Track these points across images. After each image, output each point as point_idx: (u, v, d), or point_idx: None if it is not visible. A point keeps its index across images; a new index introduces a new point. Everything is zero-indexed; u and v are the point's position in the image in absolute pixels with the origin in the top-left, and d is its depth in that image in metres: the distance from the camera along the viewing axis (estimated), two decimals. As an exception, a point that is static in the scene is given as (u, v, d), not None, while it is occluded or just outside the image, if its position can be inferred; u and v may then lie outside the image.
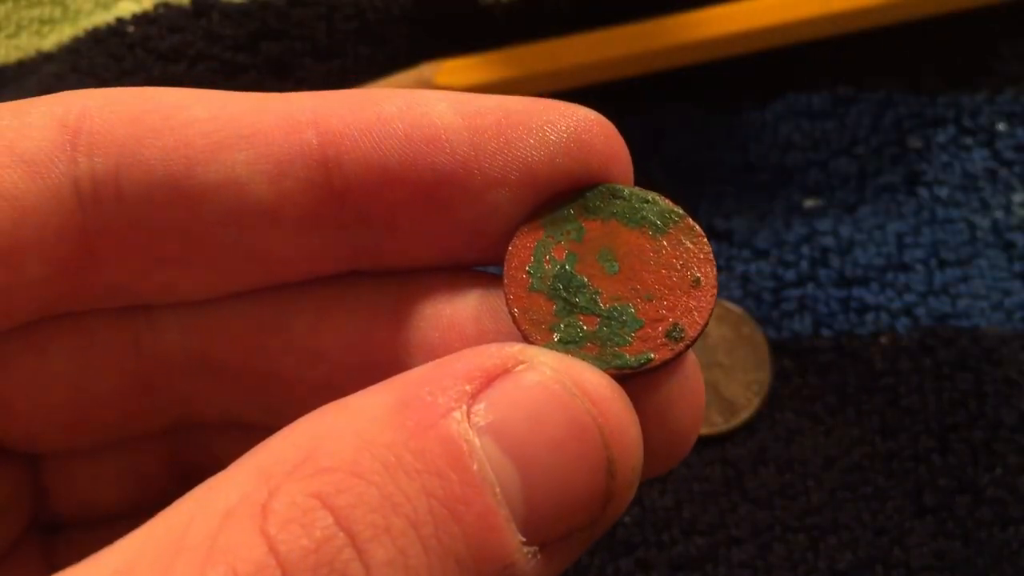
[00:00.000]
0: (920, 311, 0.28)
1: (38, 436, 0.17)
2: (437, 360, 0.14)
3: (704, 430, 0.28)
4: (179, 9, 0.30)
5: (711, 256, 0.16)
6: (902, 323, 0.28)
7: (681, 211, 0.16)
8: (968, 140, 0.30)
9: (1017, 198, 0.30)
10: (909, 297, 0.29)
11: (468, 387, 0.13)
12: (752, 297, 0.29)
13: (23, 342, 0.16)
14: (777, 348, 0.28)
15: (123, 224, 0.15)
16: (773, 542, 0.27)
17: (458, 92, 0.16)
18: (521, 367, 0.14)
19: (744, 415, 0.28)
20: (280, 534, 0.12)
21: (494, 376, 0.13)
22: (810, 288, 0.29)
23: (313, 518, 0.12)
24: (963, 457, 0.27)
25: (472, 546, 0.13)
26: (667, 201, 0.16)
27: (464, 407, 0.13)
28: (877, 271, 0.29)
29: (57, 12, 0.32)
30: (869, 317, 0.28)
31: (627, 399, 0.14)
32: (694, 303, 0.15)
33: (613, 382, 0.14)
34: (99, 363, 0.17)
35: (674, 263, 0.16)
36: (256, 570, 0.12)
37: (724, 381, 0.28)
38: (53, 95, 0.16)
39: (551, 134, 0.15)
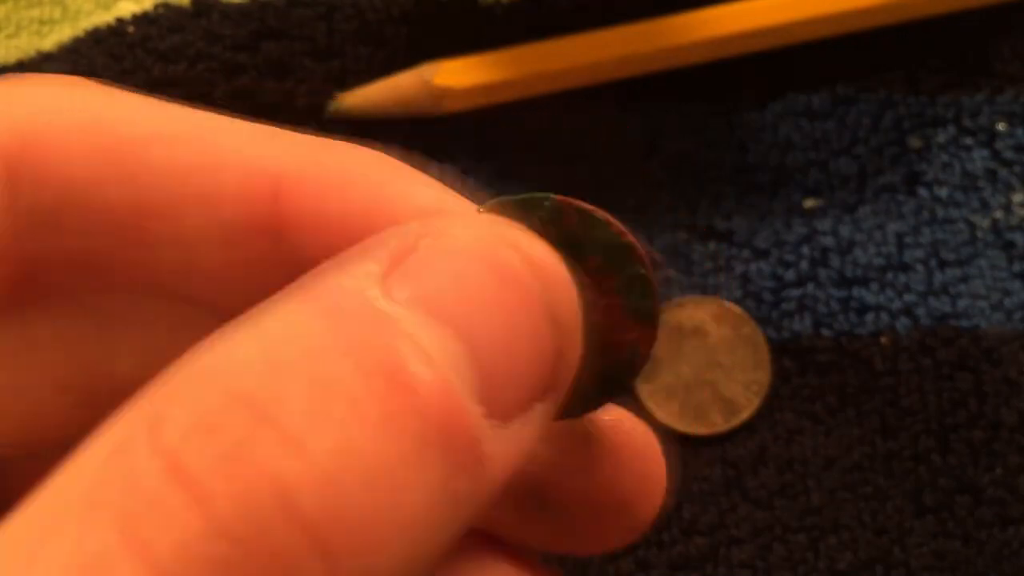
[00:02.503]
0: (920, 311, 0.28)
1: None
2: (320, 267, 0.12)
3: (704, 430, 0.28)
4: (179, 9, 0.30)
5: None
6: (902, 323, 0.28)
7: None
8: (968, 140, 0.30)
9: (1017, 198, 0.30)
10: (909, 297, 0.29)
11: (377, 267, 0.11)
12: (752, 297, 0.29)
13: None
14: (777, 348, 0.28)
15: (62, 250, 0.15)
16: (773, 542, 0.27)
17: (440, 188, 0.15)
18: (425, 240, 0.12)
19: (744, 415, 0.28)
20: (182, 447, 0.10)
21: (402, 254, 0.12)
22: (810, 288, 0.29)
23: (226, 419, 0.10)
24: (963, 457, 0.27)
25: (429, 421, 0.11)
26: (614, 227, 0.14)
27: (379, 287, 0.11)
28: (877, 271, 0.29)
29: (57, 12, 0.32)
30: (869, 317, 0.28)
31: (547, 245, 0.13)
32: (639, 332, 0.14)
33: (526, 228, 0.13)
34: (47, 383, 0.16)
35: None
36: (152, 500, 0.10)
37: (724, 381, 0.28)
38: None
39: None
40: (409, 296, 0.11)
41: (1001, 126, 0.30)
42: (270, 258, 0.15)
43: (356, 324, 0.11)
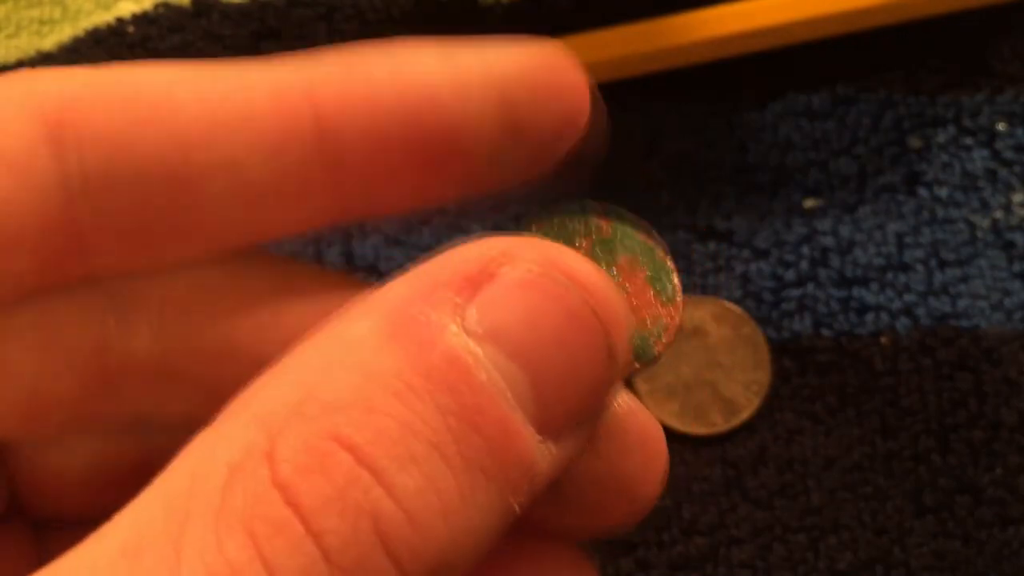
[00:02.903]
0: (920, 311, 0.28)
1: None
2: (413, 272, 0.13)
3: (704, 430, 0.28)
4: (179, 9, 0.30)
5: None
6: (902, 323, 0.28)
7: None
8: (968, 140, 0.30)
9: (1017, 198, 0.30)
10: (909, 297, 0.29)
11: (457, 298, 0.13)
12: (752, 297, 0.29)
13: None
14: (777, 348, 0.28)
15: (114, 210, 0.15)
16: (773, 542, 0.27)
17: (440, 43, 0.16)
18: (504, 268, 0.13)
19: (744, 415, 0.28)
20: (298, 483, 0.11)
21: (480, 282, 0.13)
22: (810, 288, 0.29)
23: (332, 463, 0.12)
24: (963, 457, 0.27)
25: (495, 455, 0.12)
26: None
27: (458, 319, 0.13)
28: (877, 271, 0.29)
29: (57, 12, 0.32)
30: (869, 317, 0.28)
31: (611, 280, 0.14)
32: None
33: (596, 265, 0.14)
34: (58, 362, 0.17)
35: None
36: (276, 528, 0.11)
37: (724, 381, 0.28)
38: (18, 78, 0.15)
39: (533, 78, 0.15)
40: (486, 331, 0.13)
41: (1001, 126, 0.30)
42: (316, 163, 0.15)
43: (438, 366, 0.12)
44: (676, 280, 0.17)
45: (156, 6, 0.31)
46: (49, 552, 0.19)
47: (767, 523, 0.27)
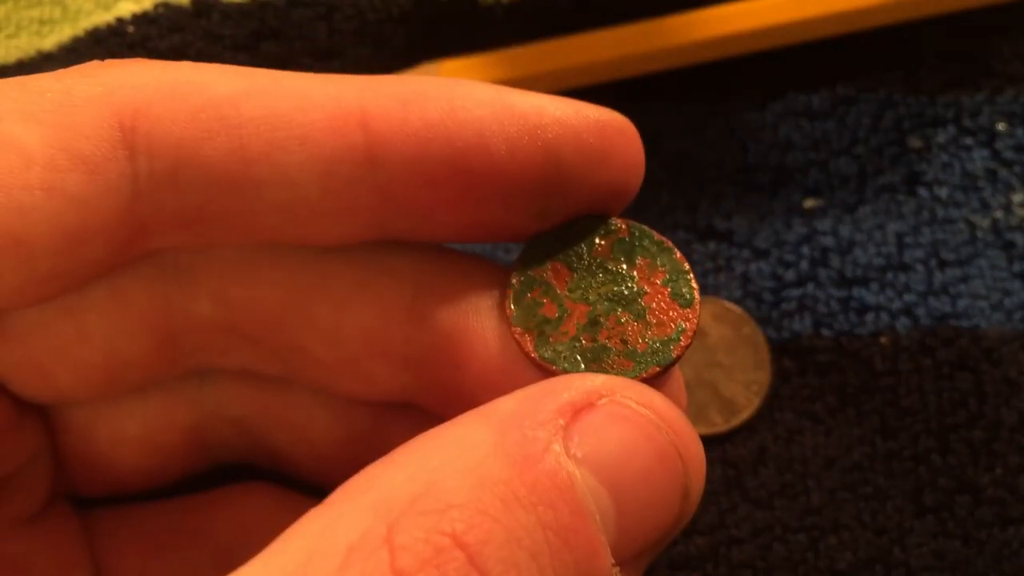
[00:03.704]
0: (920, 311, 0.28)
1: (65, 391, 0.18)
2: (523, 391, 0.15)
3: (704, 430, 0.28)
4: (179, 9, 0.30)
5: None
6: (902, 323, 0.28)
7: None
8: (968, 140, 0.30)
9: (1017, 198, 0.30)
10: (909, 297, 0.29)
11: (561, 421, 0.14)
12: (752, 297, 0.29)
13: (61, 308, 0.17)
14: (777, 348, 0.28)
15: (177, 208, 0.16)
16: (773, 542, 0.27)
17: (498, 88, 0.16)
18: (604, 400, 0.15)
19: (744, 415, 0.28)
20: (415, 572, 0.12)
21: (581, 409, 0.14)
22: (810, 288, 0.29)
23: (447, 558, 0.13)
24: (963, 457, 0.27)
25: (580, 571, 0.14)
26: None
27: (560, 440, 0.14)
28: (877, 271, 0.29)
29: (57, 12, 0.32)
30: (869, 317, 0.28)
31: (692, 426, 0.16)
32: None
33: (683, 414, 0.16)
34: (131, 326, 0.18)
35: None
36: None
37: (724, 381, 0.28)
38: (95, 76, 0.16)
39: (584, 140, 0.16)
40: (584, 455, 0.14)
41: (1001, 126, 0.30)
42: (364, 186, 0.16)
43: (542, 481, 0.14)
44: (694, 283, 0.17)
45: (156, 6, 0.31)
46: (96, 535, 0.20)
47: (767, 523, 0.27)
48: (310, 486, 0.21)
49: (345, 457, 0.20)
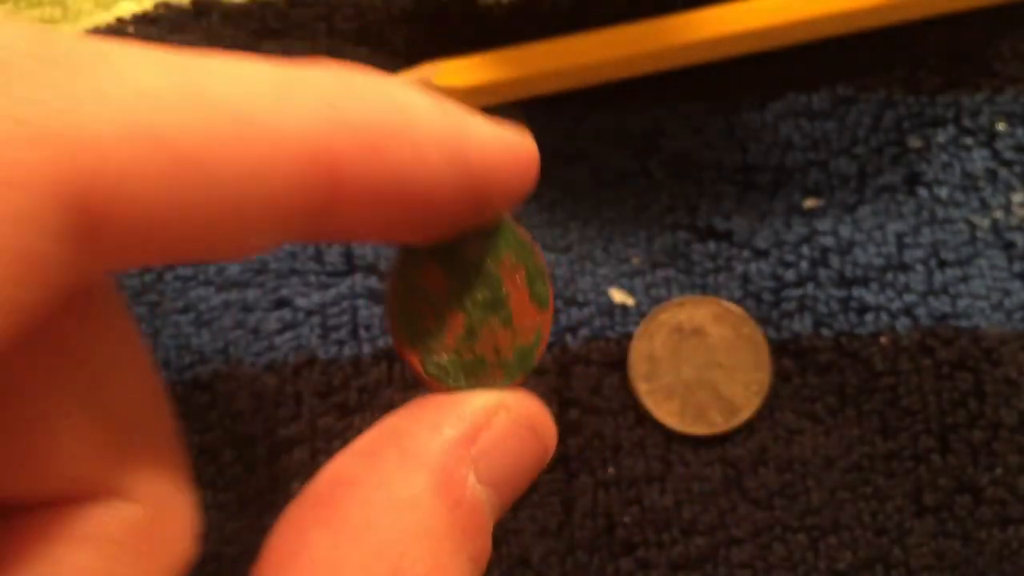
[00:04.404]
0: (920, 311, 0.28)
1: None
2: (429, 416, 0.17)
3: (704, 430, 0.28)
4: (179, 9, 0.30)
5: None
6: (902, 323, 0.28)
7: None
8: (968, 140, 0.30)
9: (1017, 198, 0.30)
10: (909, 297, 0.29)
11: (472, 451, 0.17)
12: (752, 297, 0.29)
13: None
14: (777, 348, 0.28)
15: (117, 254, 0.14)
16: (773, 542, 0.27)
17: (446, 116, 0.17)
18: (496, 419, 0.17)
19: (744, 415, 0.28)
20: None
21: (480, 429, 0.17)
22: (810, 288, 0.29)
23: None
24: (963, 457, 0.27)
25: (476, 565, 0.16)
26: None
27: (472, 469, 0.16)
28: (877, 271, 0.29)
29: (57, 12, 0.32)
30: (869, 317, 0.28)
31: (547, 408, 0.19)
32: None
33: (542, 404, 0.18)
34: None
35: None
36: None
37: (724, 381, 0.28)
38: (42, 124, 0.13)
39: (510, 170, 0.18)
40: (488, 478, 0.17)
41: (1001, 126, 0.30)
42: (317, 216, 0.16)
43: (469, 521, 0.16)
44: (550, 285, 0.19)
45: (156, 6, 0.31)
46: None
47: (767, 523, 0.27)
48: None
49: None
